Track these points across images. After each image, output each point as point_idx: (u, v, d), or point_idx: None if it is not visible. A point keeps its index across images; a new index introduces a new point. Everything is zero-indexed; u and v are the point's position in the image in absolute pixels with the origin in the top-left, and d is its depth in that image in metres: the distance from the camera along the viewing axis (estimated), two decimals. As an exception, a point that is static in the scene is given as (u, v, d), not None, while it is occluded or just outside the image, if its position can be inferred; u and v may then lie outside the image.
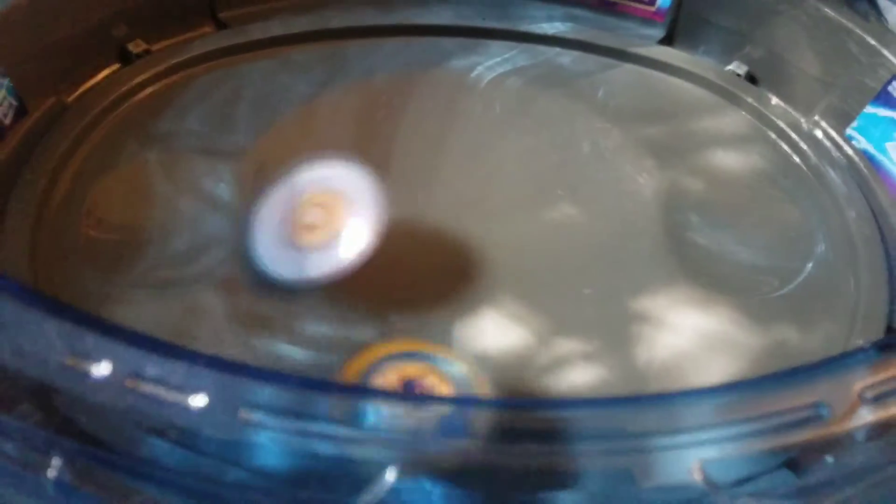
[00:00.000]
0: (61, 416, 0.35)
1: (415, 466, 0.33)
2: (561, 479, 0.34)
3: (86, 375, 0.33)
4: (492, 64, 0.72)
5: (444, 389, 0.47)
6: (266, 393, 0.33)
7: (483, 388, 0.48)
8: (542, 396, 0.49)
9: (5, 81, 0.58)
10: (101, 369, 0.33)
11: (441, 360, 0.50)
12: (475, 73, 0.71)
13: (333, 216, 0.50)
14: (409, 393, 0.36)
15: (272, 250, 0.51)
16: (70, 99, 0.63)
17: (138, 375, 0.33)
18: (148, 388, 0.33)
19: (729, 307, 0.55)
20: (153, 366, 0.34)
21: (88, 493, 0.34)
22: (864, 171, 0.64)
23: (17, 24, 0.59)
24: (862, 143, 0.64)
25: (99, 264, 0.53)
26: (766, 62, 0.71)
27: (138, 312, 0.51)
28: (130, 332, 0.35)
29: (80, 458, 0.34)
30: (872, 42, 0.64)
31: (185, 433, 0.33)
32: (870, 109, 0.64)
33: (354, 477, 0.33)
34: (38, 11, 0.60)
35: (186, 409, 0.33)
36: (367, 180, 0.51)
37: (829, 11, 0.66)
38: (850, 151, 0.65)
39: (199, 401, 0.33)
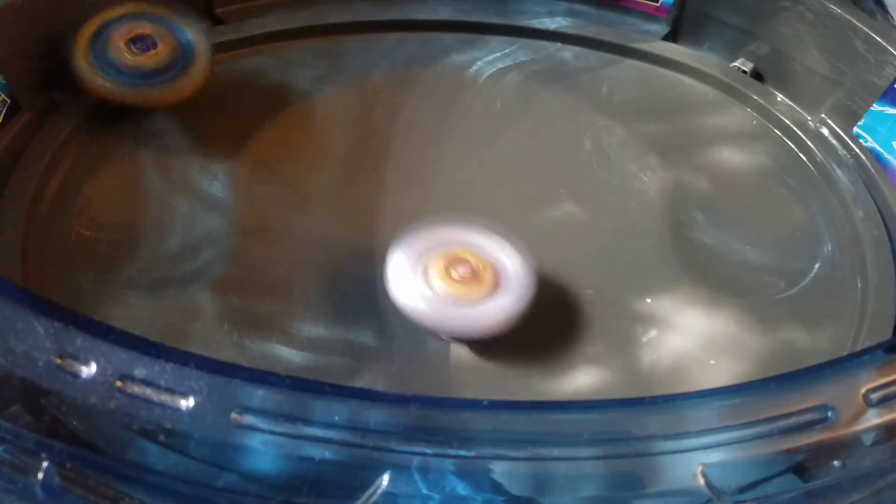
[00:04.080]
0: (51, 418, 0.34)
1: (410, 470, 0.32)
2: (563, 482, 0.33)
3: (75, 376, 0.33)
4: (491, 59, 0.71)
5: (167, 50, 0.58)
6: (259, 395, 0.33)
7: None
8: (544, 399, 0.48)
9: (-2, 78, 0.57)
10: (91, 370, 0.33)
11: (171, 23, 0.60)
12: (474, 68, 0.70)
13: (482, 278, 0.49)
14: (408, 395, 0.35)
15: (423, 307, 0.48)
16: (63, 96, 0.62)
17: (129, 376, 0.33)
18: (138, 390, 0.33)
19: (735, 308, 0.54)
20: (144, 367, 0.33)
21: (77, 496, 0.33)
22: (871, 170, 0.63)
23: (10, 20, 0.58)
24: (869, 141, 0.64)
25: (91, 263, 0.53)
26: (771, 59, 0.71)
27: (131, 312, 0.50)
28: (121, 333, 0.34)
29: (70, 461, 0.34)
30: (879, 40, 0.63)
31: (175, 436, 0.33)
32: (877, 107, 0.63)
33: (349, 481, 0.32)
34: (32, 8, 0.60)
35: (177, 411, 0.33)
36: (521, 257, 0.51)
37: (835, 8, 0.66)
38: (857, 150, 0.64)
39: (190, 403, 0.33)
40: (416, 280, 0.48)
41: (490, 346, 0.51)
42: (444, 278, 0.48)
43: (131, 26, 0.59)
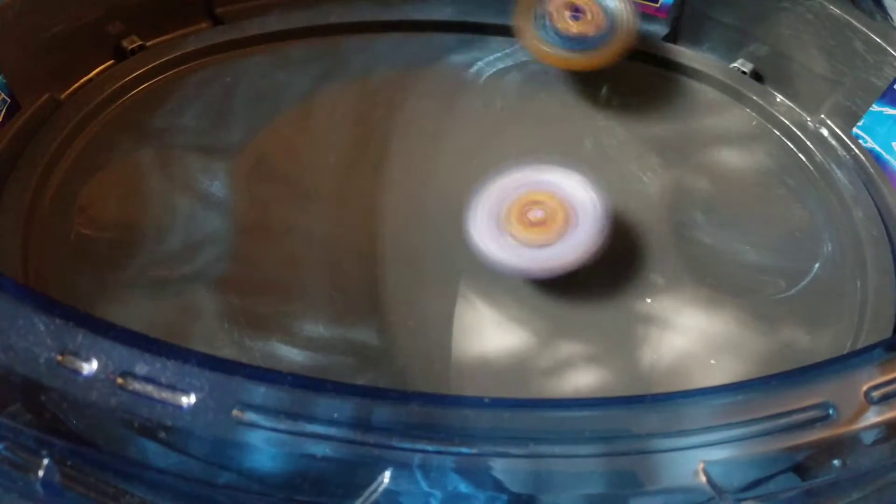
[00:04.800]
0: (52, 415, 0.34)
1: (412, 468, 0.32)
2: (564, 479, 0.33)
3: (76, 373, 0.33)
4: (492, 59, 0.71)
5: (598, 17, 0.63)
6: (260, 392, 0.33)
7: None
8: (545, 397, 0.48)
9: (-2, 77, 0.57)
10: (92, 367, 0.33)
11: None
12: (475, 68, 0.70)
13: (557, 217, 0.53)
14: (409, 392, 0.35)
15: (489, 237, 0.53)
16: (63, 95, 0.63)
17: (130, 374, 0.33)
18: (139, 387, 0.33)
19: (735, 308, 0.54)
20: (145, 364, 0.33)
21: (78, 493, 0.33)
22: (870, 171, 0.63)
23: (10, 19, 0.58)
24: (868, 141, 0.64)
25: (91, 262, 0.53)
26: (771, 60, 0.71)
27: (131, 311, 0.50)
28: (122, 330, 0.35)
29: (71, 458, 0.34)
30: (878, 40, 0.63)
31: (176, 433, 0.33)
32: (876, 108, 0.63)
33: (350, 479, 0.32)
34: (32, 7, 0.60)
35: (178, 409, 0.33)
36: (592, 192, 0.54)
37: (834, 9, 0.66)
38: (856, 150, 0.64)
39: (191, 400, 0.32)
40: (495, 229, 0.53)
41: (487, 345, 0.51)
42: (521, 223, 0.53)
43: None
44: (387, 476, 0.32)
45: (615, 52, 0.64)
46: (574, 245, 0.52)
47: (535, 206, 0.53)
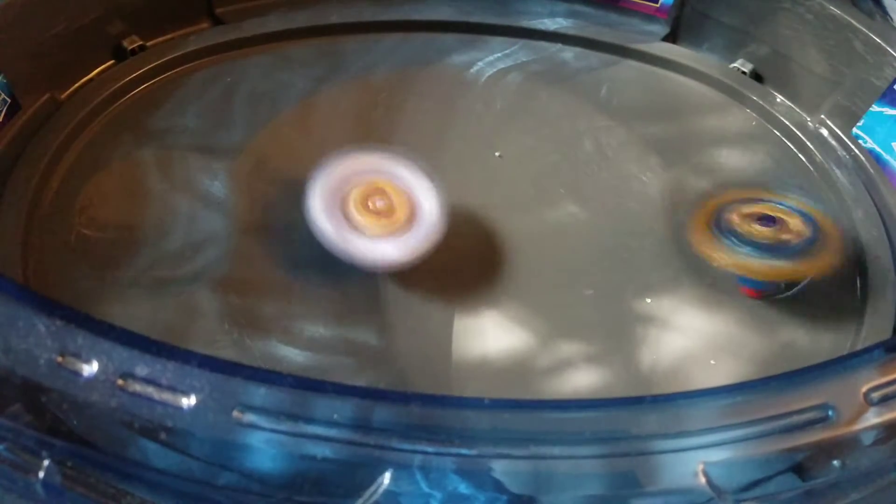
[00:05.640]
0: (52, 416, 0.34)
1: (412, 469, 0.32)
2: (564, 480, 0.33)
3: (77, 374, 0.33)
4: (492, 60, 0.71)
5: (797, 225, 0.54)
6: (260, 393, 0.33)
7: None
8: (544, 398, 0.48)
9: (-1, 77, 0.57)
10: (93, 368, 0.33)
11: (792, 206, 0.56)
12: (475, 69, 0.70)
13: (398, 206, 0.52)
14: (409, 393, 0.35)
15: (331, 229, 0.51)
16: (64, 95, 0.63)
17: (130, 375, 0.33)
18: (140, 388, 0.33)
19: (734, 308, 0.54)
20: (145, 365, 0.33)
21: (79, 494, 0.33)
22: (870, 171, 0.63)
23: (11, 20, 0.58)
24: (868, 142, 0.64)
25: (92, 262, 0.53)
26: (771, 60, 0.71)
27: (131, 312, 0.50)
28: (122, 331, 0.34)
29: (71, 459, 0.34)
30: (878, 41, 0.64)
31: (177, 434, 0.33)
32: (876, 108, 0.63)
33: (350, 480, 0.32)
34: (33, 7, 0.60)
35: (179, 410, 0.33)
36: (437, 198, 0.53)
37: (834, 9, 0.66)
38: (856, 151, 0.64)
39: (191, 401, 0.32)
40: (333, 207, 0.51)
41: (487, 345, 0.51)
42: (361, 208, 0.51)
43: (750, 207, 0.56)
44: (387, 477, 0.32)
45: (833, 252, 0.55)
46: (406, 244, 0.51)
47: (379, 195, 0.52)
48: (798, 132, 0.66)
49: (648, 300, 0.54)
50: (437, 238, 0.52)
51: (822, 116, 0.67)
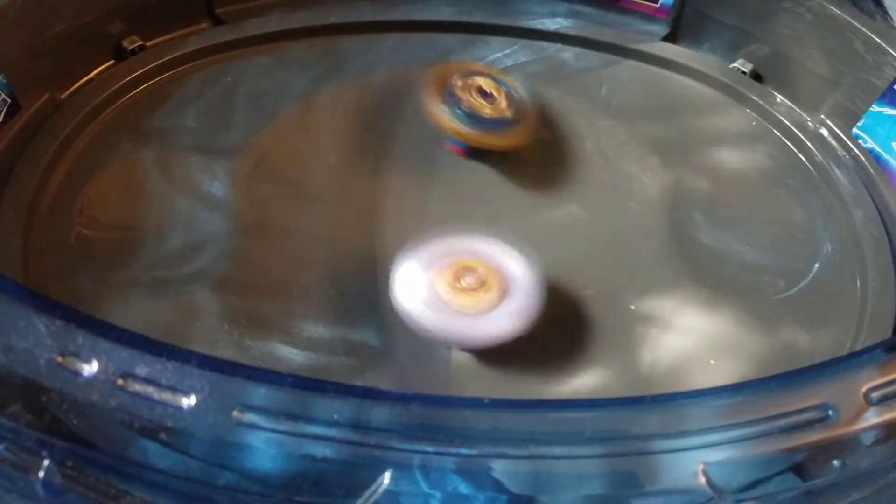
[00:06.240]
0: (52, 416, 0.34)
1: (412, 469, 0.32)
2: (564, 480, 0.33)
3: (77, 374, 0.33)
4: (492, 60, 0.71)
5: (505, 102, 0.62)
6: (260, 393, 0.33)
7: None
8: (544, 397, 0.48)
9: (-2, 77, 0.57)
10: (93, 368, 0.33)
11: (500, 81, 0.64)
12: (475, 69, 0.70)
13: (490, 286, 0.49)
14: (409, 393, 0.35)
15: (420, 308, 0.48)
16: (64, 95, 0.63)
17: (130, 375, 0.33)
18: (140, 388, 0.33)
19: (734, 308, 0.54)
20: (145, 365, 0.33)
21: (78, 494, 0.33)
22: (870, 171, 0.63)
23: (11, 20, 0.58)
24: (868, 142, 0.64)
25: (91, 263, 0.53)
26: (771, 60, 0.71)
27: (131, 312, 0.50)
28: (122, 331, 0.34)
29: (71, 459, 0.34)
30: (878, 40, 0.64)
31: (177, 434, 0.33)
32: (876, 108, 0.63)
33: (350, 480, 0.32)
34: (33, 7, 0.60)
35: (179, 410, 0.32)
36: (528, 265, 0.51)
37: (834, 9, 0.66)
38: (856, 151, 0.64)
39: (191, 401, 0.32)
40: (424, 293, 0.49)
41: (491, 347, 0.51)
42: (453, 289, 0.49)
43: (474, 80, 0.63)
44: (387, 477, 0.32)
45: (526, 134, 0.63)
46: (507, 315, 0.49)
47: (468, 272, 0.50)
48: (798, 132, 0.66)
49: (647, 301, 0.54)
50: (538, 303, 0.49)
51: (822, 116, 0.67)
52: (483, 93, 0.62)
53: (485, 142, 0.61)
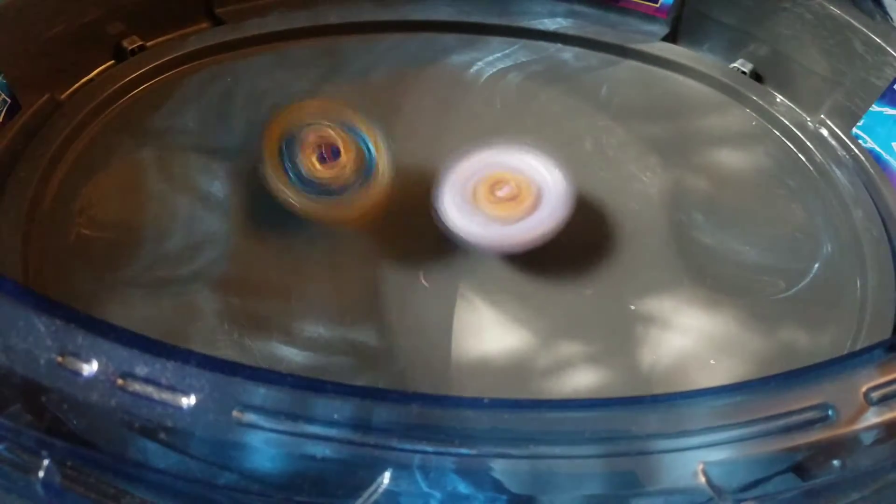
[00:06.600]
0: (52, 416, 0.34)
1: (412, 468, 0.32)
2: (564, 480, 0.33)
3: (77, 374, 0.33)
4: (492, 60, 0.71)
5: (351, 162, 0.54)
6: (260, 393, 0.33)
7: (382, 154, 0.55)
8: (544, 398, 0.48)
9: (-2, 77, 0.57)
10: (93, 368, 0.33)
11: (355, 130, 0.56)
12: (475, 69, 0.70)
13: (524, 195, 0.54)
14: (409, 393, 0.35)
15: (459, 214, 0.54)
16: (64, 96, 0.63)
17: (130, 375, 0.33)
18: (139, 388, 0.33)
19: (734, 308, 0.54)
20: (145, 365, 0.33)
21: (78, 494, 0.33)
22: (870, 171, 0.63)
23: (11, 20, 0.58)
24: (868, 142, 0.64)
25: (91, 263, 0.53)
26: (771, 60, 0.71)
27: (131, 312, 0.50)
28: (122, 331, 0.34)
29: (71, 459, 0.34)
30: (878, 40, 0.63)
31: (177, 434, 0.33)
32: (876, 108, 0.63)
33: (350, 479, 0.32)
34: (33, 7, 0.60)
35: (179, 409, 0.32)
36: (557, 172, 0.56)
37: (834, 9, 0.66)
38: (856, 150, 0.64)
39: (191, 401, 0.32)
40: (464, 204, 0.54)
41: (487, 345, 0.51)
42: (490, 200, 0.54)
43: (318, 132, 0.55)
44: (387, 477, 0.32)
45: (365, 205, 0.54)
46: (542, 219, 0.54)
47: (502, 183, 0.55)
48: (798, 132, 0.66)
49: (647, 300, 0.54)
50: (563, 216, 0.54)
51: (822, 116, 0.67)
52: (329, 151, 0.53)
53: (314, 213, 0.53)
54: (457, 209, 0.54)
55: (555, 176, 0.55)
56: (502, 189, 0.55)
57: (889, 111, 0.62)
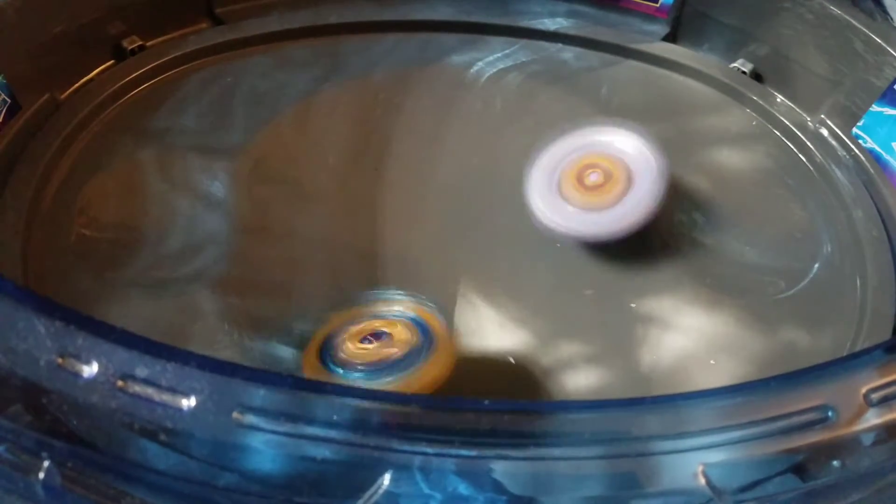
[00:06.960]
0: (52, 418, 0.34)
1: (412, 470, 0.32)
2: (564, 482, 0.33)
3: (77, 376, 0.33)
4: (492, 60, 0.71)
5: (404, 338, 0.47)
6: (260, 394, 0.33)
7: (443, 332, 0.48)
8: (543, 399, 0.48)
9: (-2, 77, 0.57)
10: (93, 369, 0.33)
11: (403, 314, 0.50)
12: (475, 69, 0.70)
13: (615, 180, 0.53)
14: (409, 394, 0.35)
15: (547, 203, 0.54)
16: (63, 96, 0.63)
17: (130, 376, 0.33)
18: (140, 389, 0.33)
19: (734, 308, 0.54)
20: (145, 366, 0.33)
21: (79, 495, 0.33)
22: (870, 171, 0.63)
23: (10, 20, 0.58)
24: (868, 142, 0.64)
25: (91, 263, 0.53)
26: (771, 60, 0.71)
27: (131, 312, 0.50)
28: (122, 332, 0.34)
29: (71, 460, 0.34)
30: (878, 40, 0.63)
31: (177, 435, 0.33)
32: (876, 108, 0.63)
33: (350, 481, 0.32)
34: (32, 7, 0.60)
35: (179, 411, 0.32)
36: (650, 150, 0.55)
37: (834, 9, 0.66)
38: (856, 151, 0.64)
39: (191, 402, 0.32)
40: (553, 198, 0.53)
41: (486, 346, 0.51)
42: (579, 189, 0.53)
43: (357, 327, 0.48)
44: (387, 478, 0.32)
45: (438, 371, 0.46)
46: (633, 206, 0.53)
47: (591, 169, 0.54)
48: (798, 132, 0.66)
49: (647, 300, 0.54)
50: (660, 198, 0.53)
51: (823, 116, 0.67)
52: (372, 336, 0.47)
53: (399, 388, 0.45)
54: (545, 202, 0.54)
55: (646, 153, 0.55)
56: (591, 175, 0.54)
57: (889, 111, 0.62)
